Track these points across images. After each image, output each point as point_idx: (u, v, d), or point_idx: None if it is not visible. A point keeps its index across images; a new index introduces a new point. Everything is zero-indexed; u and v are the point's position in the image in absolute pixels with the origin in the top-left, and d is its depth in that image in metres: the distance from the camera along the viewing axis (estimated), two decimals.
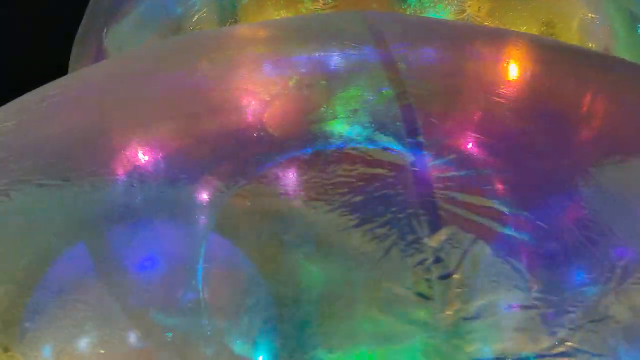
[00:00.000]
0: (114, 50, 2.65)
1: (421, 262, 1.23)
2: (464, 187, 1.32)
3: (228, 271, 1.28)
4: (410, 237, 1.25)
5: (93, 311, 1.22)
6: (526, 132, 1.45)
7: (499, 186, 1.34)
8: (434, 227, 1.26)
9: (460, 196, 1.30)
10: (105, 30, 2.67)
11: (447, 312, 1.18)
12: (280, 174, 1.35)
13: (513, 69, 1.62)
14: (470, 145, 1.41)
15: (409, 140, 1.39)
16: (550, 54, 1.76)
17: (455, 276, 1.21)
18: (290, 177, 1.36)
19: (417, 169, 1.35)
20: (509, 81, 1.58)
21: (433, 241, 1.25)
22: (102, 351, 1.17)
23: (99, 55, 2.65)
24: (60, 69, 2.58)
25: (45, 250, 1.29)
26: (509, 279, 1.22)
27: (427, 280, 1.21)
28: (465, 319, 1.18)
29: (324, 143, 1.39)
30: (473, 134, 1.43)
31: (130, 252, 1.28)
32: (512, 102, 1.51)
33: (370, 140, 1.38)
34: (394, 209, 1.29)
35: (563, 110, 1.52)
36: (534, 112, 1.49)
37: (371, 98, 1.48)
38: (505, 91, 1.54)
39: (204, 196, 1.34)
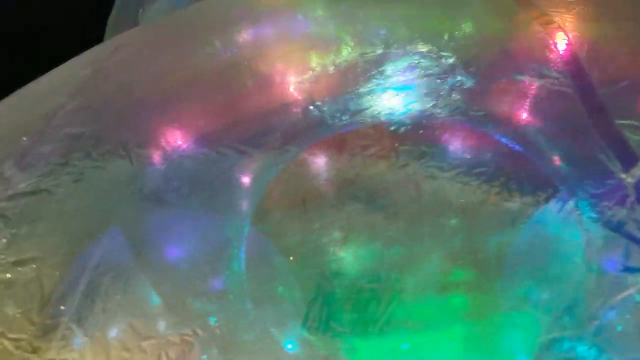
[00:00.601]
0: None
1: (621, 201, 1.00)
2: None
3: (271, 255, 1.15)
4: (602, 175, 1.03)
5: (135, 296, 1.09)
6: None
7: None
8: (628, 161, 1.04)
9: None
10: (141, 11, 2.49)
11: None
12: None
13: None
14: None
15: (569, 64, 1.16)
16: None
17: None
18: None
19: (587, 95, 1.12)
20: None
21: (630, 176, 1.02)
22: (145, 337, 1.05)
23: None
24: None
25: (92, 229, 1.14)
26: None
27: (635, 221, 0.98)
28: None
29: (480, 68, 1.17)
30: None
31: (172, 235, 1.14)
32: None
33: (526, 69, 1.16)
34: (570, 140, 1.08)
35: None
36: None
37: (507, 26, 1.26)
38: None
39: (253, 173, 1.17)
